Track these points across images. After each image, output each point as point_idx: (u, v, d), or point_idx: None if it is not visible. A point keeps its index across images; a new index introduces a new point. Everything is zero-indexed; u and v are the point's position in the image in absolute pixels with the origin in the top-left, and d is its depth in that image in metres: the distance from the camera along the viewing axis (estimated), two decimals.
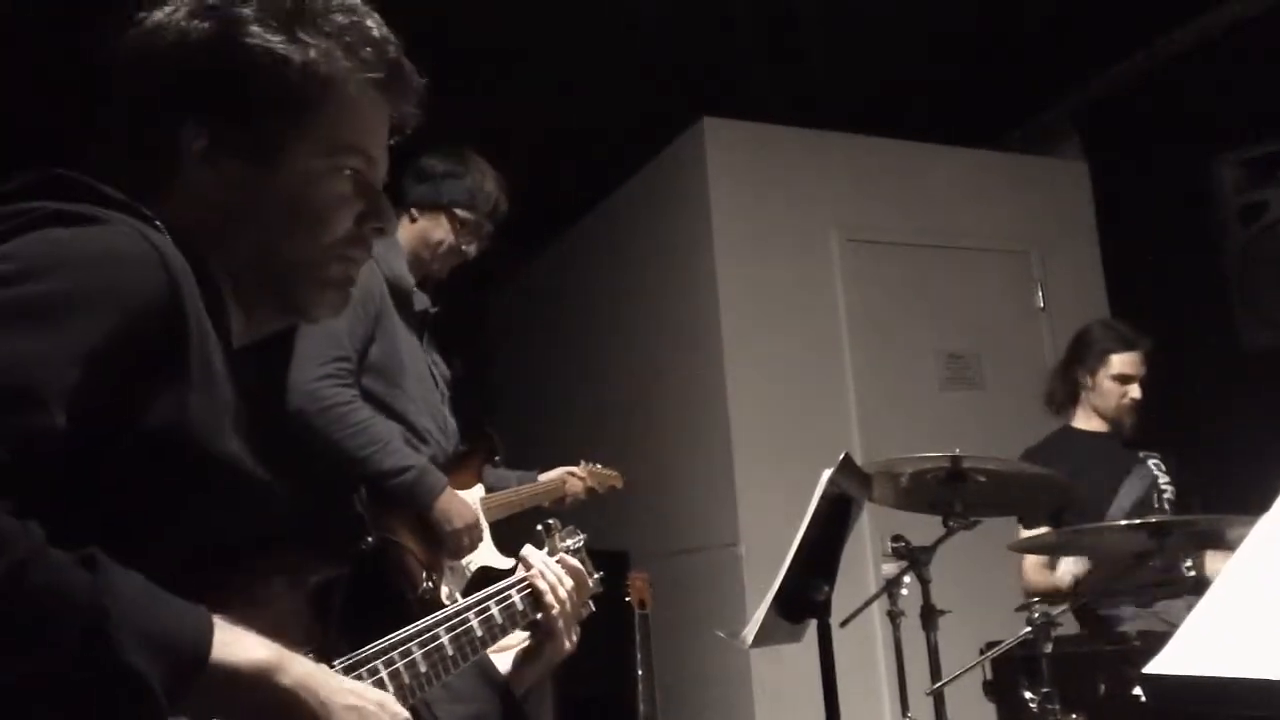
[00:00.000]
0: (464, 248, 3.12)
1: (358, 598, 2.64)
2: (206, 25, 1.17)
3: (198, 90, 1.16)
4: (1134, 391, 3.76)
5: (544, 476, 3.37)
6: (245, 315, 1.22)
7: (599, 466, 3.55)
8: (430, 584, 2.72)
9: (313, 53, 1.18)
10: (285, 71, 1.17)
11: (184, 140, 1.16)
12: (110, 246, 1.01)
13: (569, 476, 3.41)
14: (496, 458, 3.20)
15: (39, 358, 0.92)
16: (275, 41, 1.17)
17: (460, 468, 3.03)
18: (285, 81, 1.17)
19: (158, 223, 1.08)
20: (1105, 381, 3.77)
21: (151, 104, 1.17)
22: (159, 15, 1.19)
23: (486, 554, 2.97)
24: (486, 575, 2.88)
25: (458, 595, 2.78)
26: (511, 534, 2.97)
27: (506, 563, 2.91)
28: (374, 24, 1.24)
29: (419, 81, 1.28)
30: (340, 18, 1.21)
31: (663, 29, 4.56)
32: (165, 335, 1.02)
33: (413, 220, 3.10)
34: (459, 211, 3.08)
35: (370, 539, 2.64)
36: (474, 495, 3.02)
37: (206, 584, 1.04)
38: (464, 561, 2.88)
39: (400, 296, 2.99)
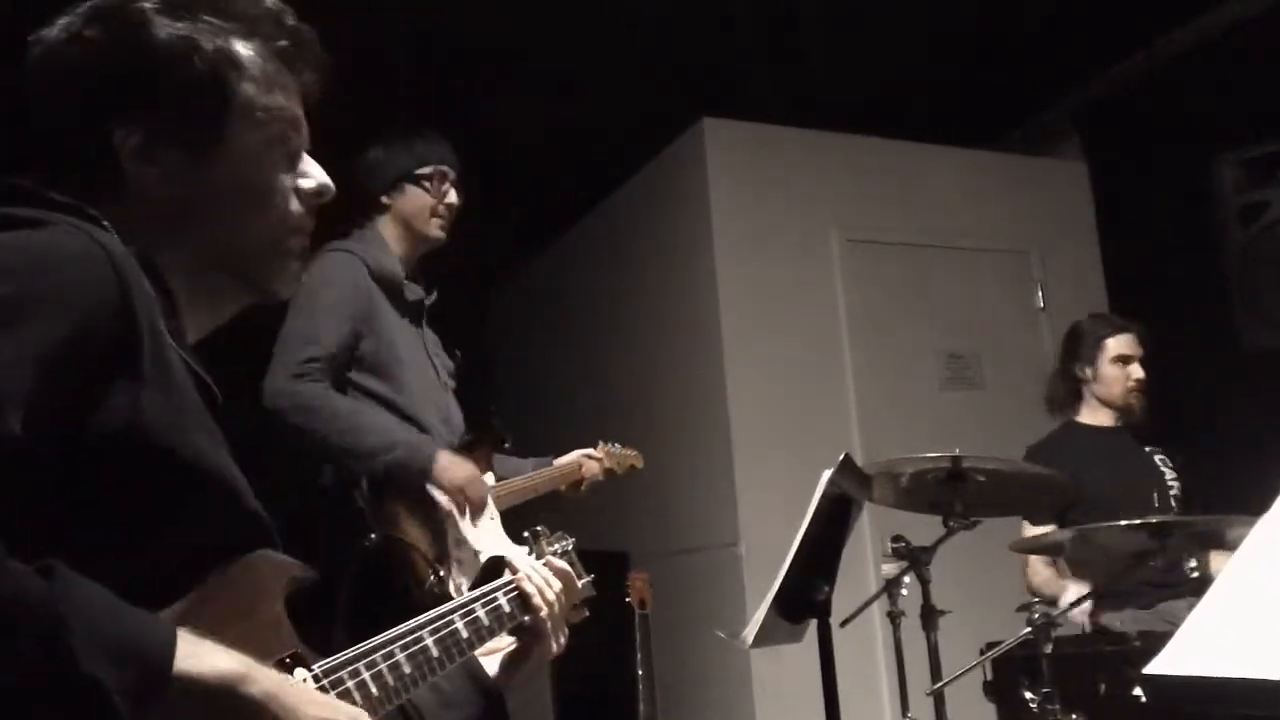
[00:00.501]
0: (447, 200, 3.09)
1: (361, 595, 2.64)
2: (111, 28, 1.17)
3: (121, 92, 1.16)
4: (1136, 372, 3.75)
5: (559, 460, 3.31)
6: (204, 307, 1.23)
7: (617, 447, 3.48)
8: (436, 579, 2.70)
9: (221, 34, 1.19)
10: (199, 57, 1.18)
11: (119, 143, 1.16)
12: (56, 248, 1.01)
13: (585, 459, 3.35)
14: (506, 444, 3.16)
15: None
16: (183, 29, 1.18)
17: (469, 457, 2.99)
18: (202, 67, 1.18)
19: (105, 223, 1.08)
20: (1106, 367, 3.76)
21: (78, 114, 1.17)
22: (55, 31, 1.19)
23: (499, 543, 2.92)
24: (498, 565, 2.86)
25: (465, 589, 2.77)
26: (522, 524, 2.96)
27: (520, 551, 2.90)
28: None
29: (319, 46, 1.28)
30: None
31: (663, 29, 4.56)
32: (116, 334, 1.01)
33: (386, 209, 3.08)
34: (418, 170, 3.06)
35: (373, 536, 2.64)
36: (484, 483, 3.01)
37: (180, 589, 1.03)
38: (475, 549, 2.86)
39: (390, 289, 2.98)
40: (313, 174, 1.27)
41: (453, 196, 3.11)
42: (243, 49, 1.21)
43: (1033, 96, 5.40)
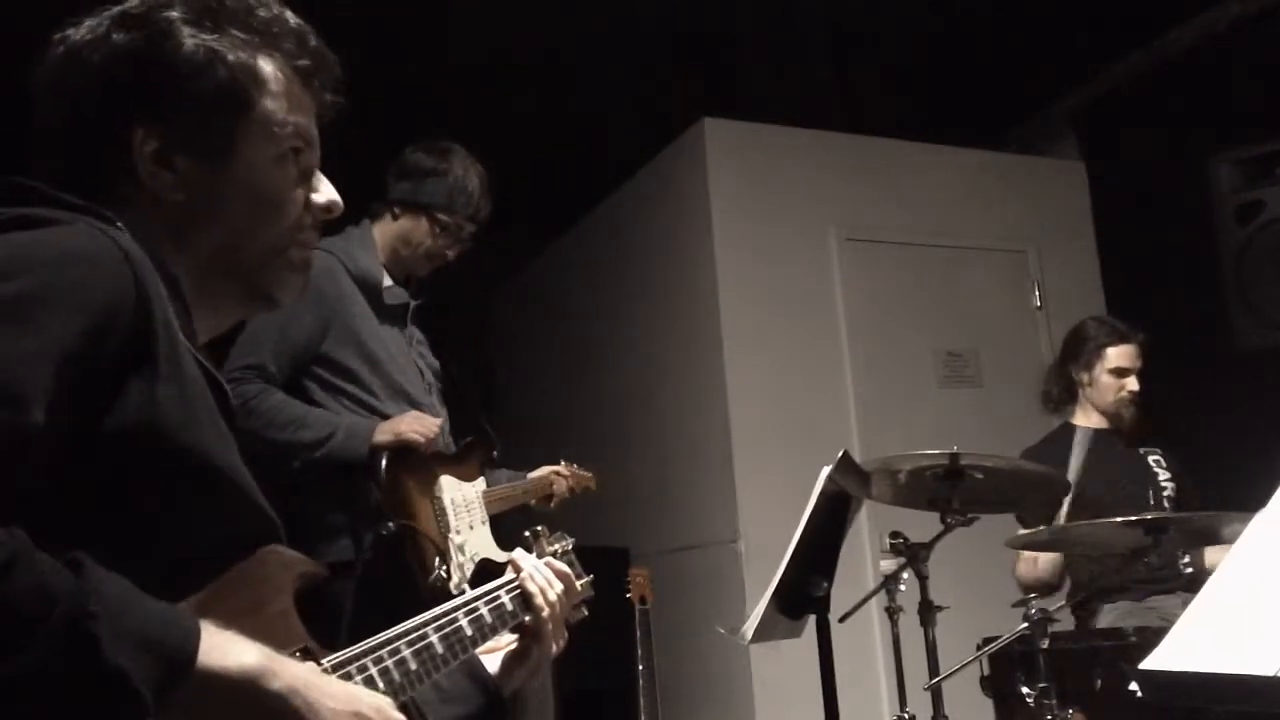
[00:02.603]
0: (444, 250, 3.08)
1: (371, 581, 2.65)
2: (138, 34, 1.19)
3: (142, 97, 1.18)
4: (1131, 384, 3.75)
5: (532, 475, 3.35)
6: (209, 311, 1.24)
7: (576, 467, 3.51)
8: (442, 573, 2.73)
9: (244, 48, 1.22)
10: (222, 68, 1.20)
11: (134, 146, 1.18)
12: (74, 246, 1.02)
13: (554, 476, 3.39)
14: (495, 454, 3.17)
15: (14, 358, 0.93)
16: (208, 40, 1.20)
17: (464, 460, 3.03)
18: (224, 78, 1.20)
19: (119, 224, 1.10)
20: (1102, 376, 3.77)
21: (97, 115, 1.18)
22: (81, 32, 1.20)
23: (487, 546, 2.97)
24: (487, 567, 2.89)
25: (466, 586, 2.80)
26: (503, 530, 3.01)
27: (505, 556, 2.92)
28: (290, 16, 1.28)
29: (339, 69, 1.31)
30: (262, 12, 1.25)
31: (663, 29, 4.58)
32: (132, 331, 1.02)
33: (394, 218, 3.06)
34: (438, 215, 3.03)
35: (390, 525, 2.66)
36: (477, 487, 3.03)
37: (190, 585, 1.04)
38: (469, 554, 2.89)
39: (368, 290, 2.97)
40: (323, 190, 1.30)
41: (451, 252, 3.09)
42: (264, 64, 1.23)
43: (1030, 96, 5.41)
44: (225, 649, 0.96)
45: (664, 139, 5.04)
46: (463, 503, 2.95)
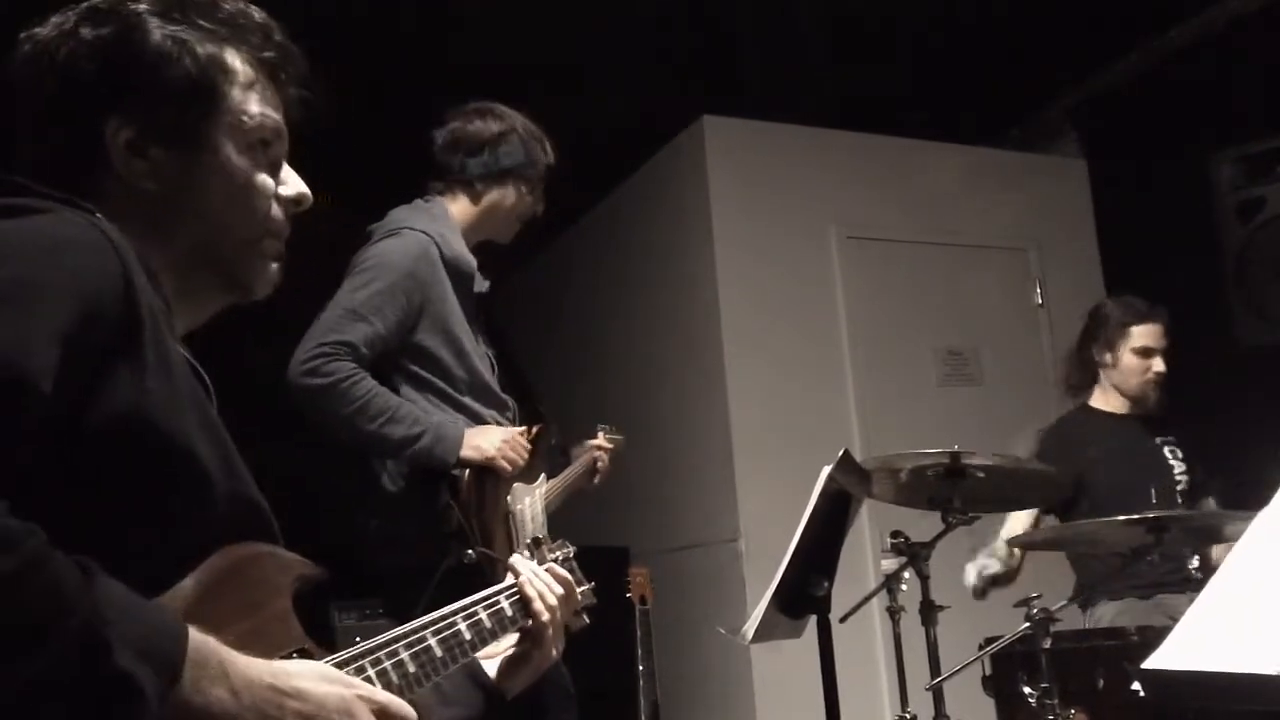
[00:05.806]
0: (534, 207, 3.03)
1: (446, 597, 2.64)
2: (107, 28, 1.19)
3: (113, 89, 1.19)
4: (1158, 365, 3.65)
5: (575, 458, 3.28)
6: (186, 305, 1.24)
7: (610, 429, 3.43)
8: None
9: (212, 40, 1.23)
10: (192, 60, 1.21)
11: (109, 138, 1.18)
12: (60, 234, 1.03)
13: (596, 452, 3.31)
14: (555, 442, 3.11)
15: (20, 337, 0.93)
16: (177, 31, 1.21)
17: (533, 457, 2.93)
18: (193, 69, 1.21)
19: (99, 215, 1.10)
20: (1126, 356, 3.67)
21: (68, 110, 1.19)
22: (48, 30, 1.21)
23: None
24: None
25: None
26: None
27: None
28: (255, 11, 1.29)
29: (304, 63, 1.32)
30: (228, 6, 1.26)
31: (663, 28, 4.57)
32: (121, 318, 1.03)
33: (474, 197, 2.97)
34: (526, 173, 2.97)
35: (470, 552, 2.61)
36: (540, 491, 2.95)
37: (177, 575, 1.04)
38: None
39: (462, 279, 2.89)
40: (292, 182, 1.30)
41: (540, 209, 3.04)
42: (231, 56, 1.24)
43: (1031, 94, 5.41)
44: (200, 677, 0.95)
45: (664, 137, 5.03)
46: (529, 518, 2.87)
